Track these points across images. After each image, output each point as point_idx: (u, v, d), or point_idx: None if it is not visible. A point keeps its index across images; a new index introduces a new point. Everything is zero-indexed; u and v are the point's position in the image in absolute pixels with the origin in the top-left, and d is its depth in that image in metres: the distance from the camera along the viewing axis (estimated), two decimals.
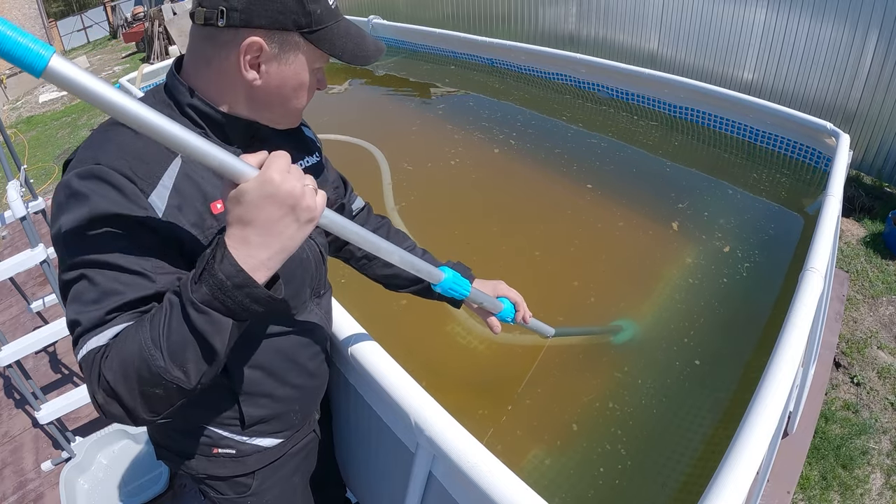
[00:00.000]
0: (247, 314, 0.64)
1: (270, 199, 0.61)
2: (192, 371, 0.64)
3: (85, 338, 0.67)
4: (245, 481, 1.01)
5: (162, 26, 8.67)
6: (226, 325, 0.63)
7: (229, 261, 0.61)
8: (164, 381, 0.63)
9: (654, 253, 2.13)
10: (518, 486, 0.82)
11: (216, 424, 0.92)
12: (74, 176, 0.69)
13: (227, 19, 0.70)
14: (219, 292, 0.61)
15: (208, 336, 0.63)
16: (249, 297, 0.63)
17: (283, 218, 0.62)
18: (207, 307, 0.62)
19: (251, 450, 0.97)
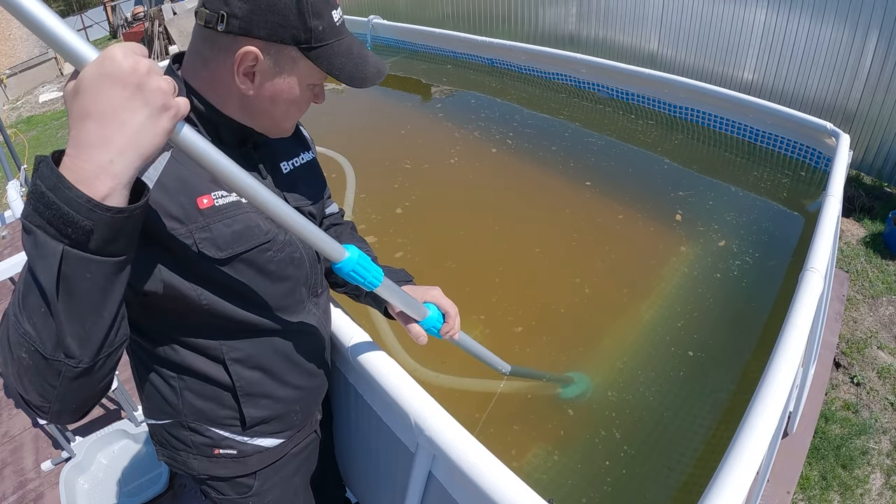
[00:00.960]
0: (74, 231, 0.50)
1: (110, 79, 0.50)
2: (41, 327, 0.52)
3: None
4: (246, 482, 1.01)
5: (162, 26, 8.67)
6: (51, 250, 0.50)
7: (46, 163, 0.50)
8: (21, 338, 0.52)
9: (654, 252, 2.13)
10: (518, 486, 0.82)
11: (217, 425, 0.92)
12: None
13: (227, 25, 0.69)
14: (36, 202, 0.49)
15: (34, 265, 0.50)
16: (66, 203, 0.49)
17: (129, 102, 0.50)
18: (31, 223, 0.50)
19: (252, 450, 0.97)
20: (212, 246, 0.75)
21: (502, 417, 1.60)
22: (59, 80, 9.42)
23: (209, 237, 0.75)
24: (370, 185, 2.72)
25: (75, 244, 0.50)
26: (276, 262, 0.85)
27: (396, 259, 2.17)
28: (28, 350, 0.52)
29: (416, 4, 6.47)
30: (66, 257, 0.50)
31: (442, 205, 2.58)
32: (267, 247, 0.82)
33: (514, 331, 1.87)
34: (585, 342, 1.82)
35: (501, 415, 1.61)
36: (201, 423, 0.92)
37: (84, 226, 0.50)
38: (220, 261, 0.77)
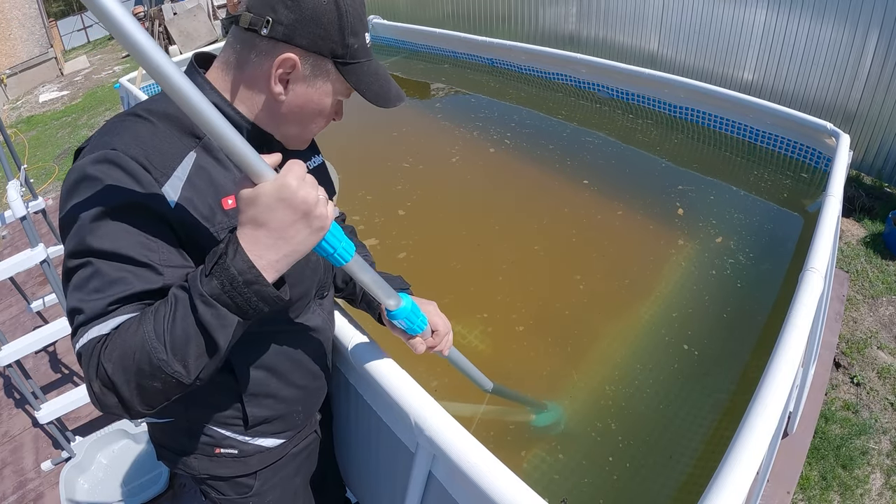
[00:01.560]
0: (253, 312, 0.65)
1: (285, 204, 0.62)
2: (193, 366, 0.64)
3: (85, 327, 0.66)
4: (247, 482, 1.01)
5: (162, 26, 8.67)
6: (231, 322, 0.64)
7: (242, 257, 0.62)
8: (163, 375, 0.63)
9: (653, 253, 2.13)
10: (518, 486, 0.82)
11: (219, 424, 0.92)
12: (89, 160, 0.69)
13: (271, 30, 0.72)
14: (229, 287, 0.62)
15: (213, 331, 0.63)
16: (258, 296, 0.63)
17: (296, 223, 0.63)
18: (216, 301, 0.62)
19: (253, 450, 0.97)
20: None
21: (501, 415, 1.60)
22: (59, 79, 9.42)
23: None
24: (371, 187, 2.72)
25: (247, 318, 0.66)
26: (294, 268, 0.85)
27: (400, 259, 2.17)
28: (165, 382, 0.64)
29: (416, 4, 6.47)
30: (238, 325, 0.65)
31: (443, 205, 2.58)
32: None
33: (516, 329, 1.88)
34: (586, 340, 1.82)
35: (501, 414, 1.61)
36: (203, 422, 0.92)
37: (263, 310, 0.65)
38: None
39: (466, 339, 1.85)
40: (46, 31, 9.67)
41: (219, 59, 0.80)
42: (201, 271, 0.64)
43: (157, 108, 0.75)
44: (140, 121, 0.73)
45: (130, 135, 0.71)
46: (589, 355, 1.77)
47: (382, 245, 2.26)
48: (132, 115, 0.74)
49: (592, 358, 1.76)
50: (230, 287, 0.62)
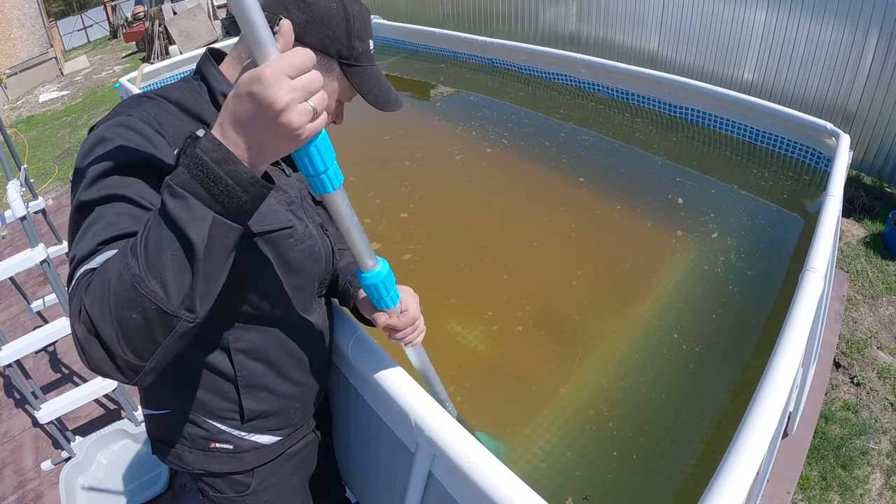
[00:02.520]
0: (230, 201, 0.56)
1: (252, 99, 0.53)
2: (171, 283, 0.55)
3: (76, 271, 0.62)
4: (244, 479, 1.01)
5: (162, 26, 8.67)
6: (205, 215, 0.55)
7: (207, 136, 0.55)
8: (140, 298, 0.55)
9: (653, 252, 2.13)
10: (518, 486, 0.82)
11: (215, 417, 0.93)
12: (105, 125, 0.71)
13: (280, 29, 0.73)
14: (195, 169, 0.54)
15: (184, 226, 0.54)
16: (231, 176, 0.55)
17: (262, 124, 0.55)
18: (184, 190, 0.54)
19: (249, 446, 0.97)
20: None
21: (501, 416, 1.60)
22: (59, 79, 9.42)
23: None
24: (373, 188, 2.72)
25: (225, 212, 0.56)
26: (297, 251, 0.87)
27: (405, 261, 2.17)
28: (144, 308, 0.55)
29: (416, 4, 6.47)
30: (215, 222, 0.56)
31: (446, 206, 2.57)
32: (289, 233, 0.85)
33: (520, 326, 1.88)
34: (586, 340, 1.82)
35: (501, 414, 1.61)
36: (200, 414, 0.92)
37: (241, 198, 0.56)
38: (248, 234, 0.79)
39: (466, 339, 1.85)
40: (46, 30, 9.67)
41: (231, 54, 0.83)
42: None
43: (169, 95, 0.78)
44: (151, 101, 0.76)
45: (144, 108, 0.74)
46: (588, 356, 1.77)
47: (387, 249, 2.26)
48: (144, 97, 0.77)
49: (592, 358, 1.76)
50: (196, 169, 0.54)
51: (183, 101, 0.77)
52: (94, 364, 0.58)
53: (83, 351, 0.58)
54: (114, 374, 0.59)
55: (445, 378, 1.73)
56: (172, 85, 0.82)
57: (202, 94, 0.80)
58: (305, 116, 0.55)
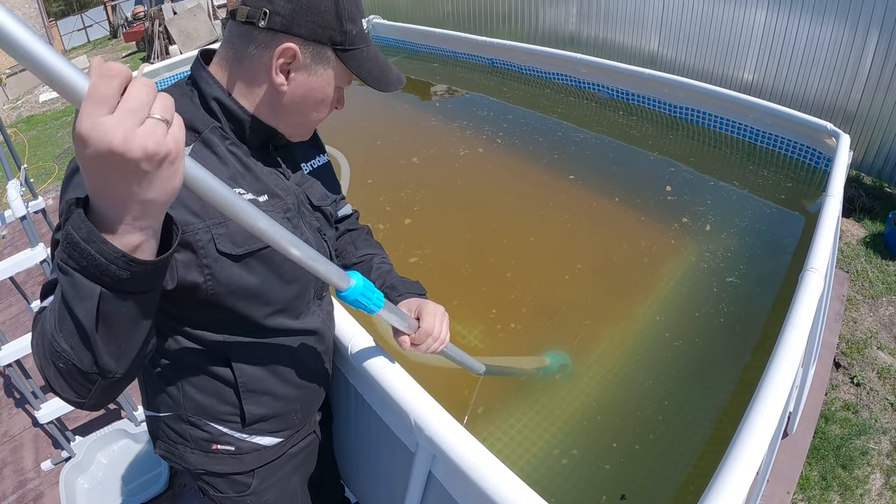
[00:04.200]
0: (109, 279, 0.50)
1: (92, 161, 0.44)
2: (77, 348, 0.54)
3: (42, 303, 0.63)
4: (244, 480, 1.01)
5: (162, 26, 8.67)
6: (91, 292, 0.50)
7: (76, 213, 0.49)
8: (56, 353, 0.54)
9: (654, 252, 2.13)
10: (518, 486, 0.82)
11: (216, 420, 0.93)
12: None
13: (269, 22, 0.72)
14: (70, 248, 0.49)
15: (72, 303, 0.51)
16: (101, 255, 0.49)
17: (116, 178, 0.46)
18: (66, 265, 0.50)
19: (250, 448, 0.97)
20: (228, 241, 0.76)
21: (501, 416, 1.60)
22: None
23: (226, 232, 0.76)
24: (375, 189, 2.72)
25: (112, 288, 0.51)
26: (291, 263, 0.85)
27: (411, 264, 2.17)
28: (65, 363, 0.55)
29: (416, 4, 6.47)
30: (103, 298, 0.51)
31: (449, 206, 2.57)
32: None
33: (520, 325, 1.88)
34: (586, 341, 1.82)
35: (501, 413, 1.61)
36: (201, 417, 0.92)
37: (120, 276, 0.50)
38: (235, 257, 0.78)
39: (466, 339, 1.85)
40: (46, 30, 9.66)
41: (217, 55, 0.81)
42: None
43: None
44: None
45: None
46: (588, 356, 1.77)
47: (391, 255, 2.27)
48: None
49: (591, 358, 1.76)
50: (70, 247, 0.49)
51: None
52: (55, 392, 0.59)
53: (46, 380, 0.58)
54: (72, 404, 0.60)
55: (447, 379, 1.73)
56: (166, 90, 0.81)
57: (193, 99, 0.79)
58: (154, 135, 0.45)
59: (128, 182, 0.46)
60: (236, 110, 0.79)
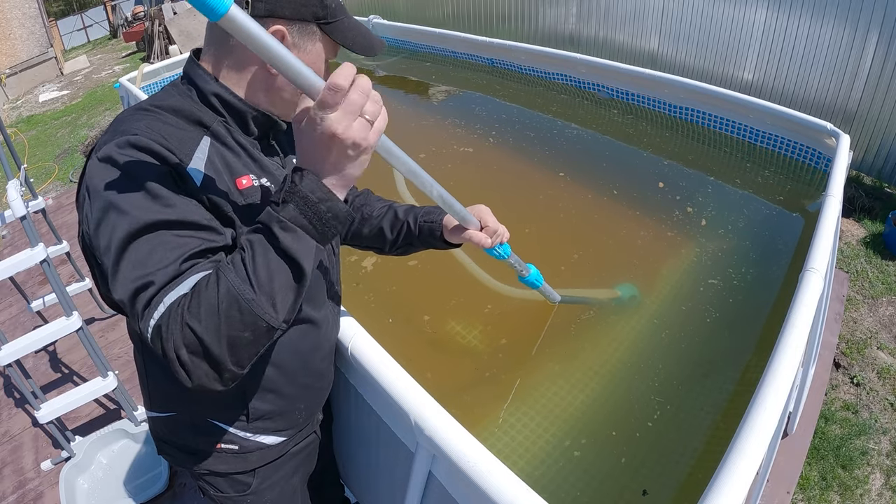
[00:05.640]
0: (330, 233, 0.66)
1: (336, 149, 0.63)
2: (280, 303, 0.63)
3: (160, 296, 0.63)
4: (245, 479, 1.01)
5: (162, 26, 8.67)
6: (311, 247, 0.64)
7: (310, 178, 0.64)
8: (253, 319, 0.61)
9: (654, 252, 2.13)
10: (518, 485, 0.82)
11: (221, 419, 0.93)
12: (113, 147, 0.69)
13: (253, 9, 0.73)
14: (304, 207, 0.63)
15: (298, 256, 0.63)
16: (332, 213, 0.65)
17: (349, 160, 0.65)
18: (294, 224, 0.63)
19: (254, 446, 0.97)
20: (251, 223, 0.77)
21: (502, 416, 1.60)
22: (59, 79, 9.42)
23: (249, 214, 0.77)
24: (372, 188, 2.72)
25: (321, 241, 0.66)
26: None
27: (411, 266, 2.17)
28: (256, 327, 0.62)
29: (416, 4, 6.47)
30: (317, 251, 0.66)
31: None
32: None
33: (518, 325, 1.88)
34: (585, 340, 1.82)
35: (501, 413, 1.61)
36: (206, 416, 0.92)
37: (338, 229, 0.67)
38: None
39: (466, 339, 1.85)
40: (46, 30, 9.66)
41: (205, 52, 0.81)
42: (271, 206, 0.64)
43: (163, 103, 0.77)
44: (148, 114, 0.75)
45: (145, 124, 0.72)
46: (587, 356, 1.77)
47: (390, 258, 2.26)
48: (140, 110, 0.75)
49: (590, 359, 1.76)
50: (305, 207, 0.63)
51: (178, 107, 0.76)
52: (197, 381, 0.62)
53: (186, 371, 0.61)
54: (215, 385, 0.64)
55: (449, 378, 1.73)
56: (164, 92, 0.81)
57: (192, 96, 0.79)
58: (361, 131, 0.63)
59: (342, 159, 0.64)
60: (236, 103, 0.80)
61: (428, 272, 2.16)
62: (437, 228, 1.16)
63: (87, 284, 2.78)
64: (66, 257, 2.75)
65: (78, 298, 2.74)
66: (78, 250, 3.39)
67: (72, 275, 3.05)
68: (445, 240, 1.16)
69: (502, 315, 1.94)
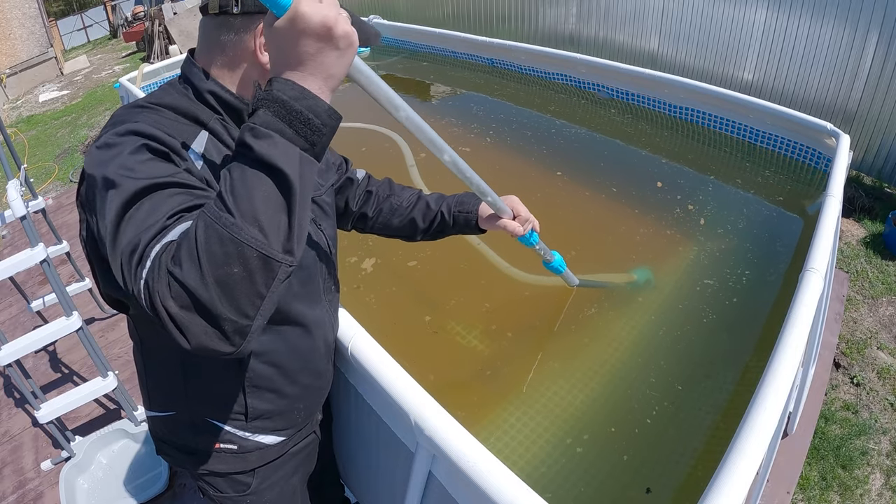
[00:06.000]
0: (313, 134, 0.58)
1: (304, 34, 0.57)
2: (268, 225, 0.55)
3: (147, 250, 0.57)
4: (245, 479, 1.01)
5: (162, 26, 8.66)
6: (294, 153, 0.57)
7: (280, 80, 0.58)
8: (237, 247, 0.53)
9: (654, 252, 2.13)
10: (518, 485, 0.82)
11: (220, 418, 0.93)
12: (112, 134, 0.68)
13: (243, 6, 0.74)
14: (277, 107, 0.56)
15: (277, 162, 0.55)
16: (311, 111, 0.58)
17: (322, 50, 0.58)
18: (267, 129, 0.56)
19: (253, 446, 0.97)
20: None
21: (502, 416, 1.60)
22: (59, 79, 9.42)
23: None
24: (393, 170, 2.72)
25: (306, 148, 0.58)
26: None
27: (411, 267, 2.17)
28: (244, 258, 0.53)
29: (416, 4, 6.47)
30: (302, 158, 0.58)
31: None
32: None
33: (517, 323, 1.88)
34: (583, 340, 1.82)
35: (501, 413, 1.61)
36: (205, 415, 0.92)
37: (321, 130, 0.59)
38: None
39: (466, 339, 1.85)
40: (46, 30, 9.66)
41: (198, 52, 0.82)
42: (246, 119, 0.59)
43: (161, 101, 0.78)
44: (146, 109, 0.75)
45: (145, 116, 0.73)
46: (585, 355, 1.77)
47: (389, 261, 2.26)
48: (137, 107, 0.76)
49: (590, 360, 1.76)
50: (278, 107, 0.56)
51: (176, 105, 0.77)
52: (196, 340, 0.55)
53: (181, 329, 0.54)
54: (220, 345, 0.56)
55: (447, 379, 1.73)
56: (162, 90, 0.81)
57: (188, 94, 0.80)
58: (347, 21, 0.59)
59: (326, 54, 0.59)
60: (232, 100, 0.80)
61: (428, 272, 2.16)
62: (472, 218, 1.22)
63: (87, 284, 2.78)
64: (66, 257, 2.75)
65: (78, 298, 2.74)
66: (78, 250, 3.39)
67: (72, 275, 3.05)
68: (480, 227, 1.23)
69: (502, 315, 1.94)
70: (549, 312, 1.94)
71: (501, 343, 1.83)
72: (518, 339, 1.85)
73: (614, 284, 1.95)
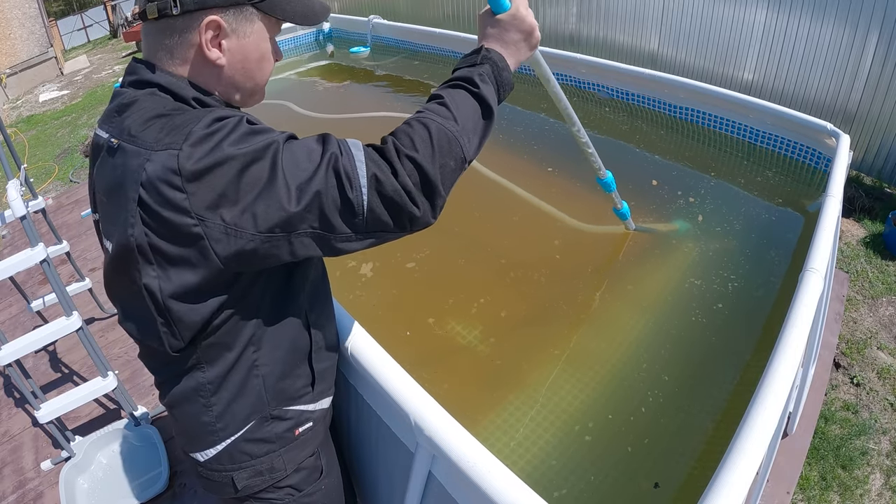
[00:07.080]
0: (503, 93, 0.86)
1: (516, 29, 0.88)
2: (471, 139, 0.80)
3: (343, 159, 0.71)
4: (315, 463, 0.99)
5: None
6: (495, 99, 0.84)
7: (496, 52, 0.87)
8: (458, 148, 0.76)
9: (654, 252, 2.13)
10: (518, 485, 0.82)
11: (294, 401, 0.92)
12: (201, 135, 0.68)
13: (182, 6, 0.72)
14: (495, 68, 0.85)
15: (490, 100, 0.82)
16: (507, 81, 0.87)
17: (521, 41, 0.90)
18: (489, 79, 0.84)
19: (320, 414, 0.98)
20: None
21: (502, 416, 1.60)
22: (59, 79, 9.42)
23: None
24: None
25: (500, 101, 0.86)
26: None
27: (409, 269, 2.17)
28: (455, 156, 0.77)
29: (416, 4, 6.47)
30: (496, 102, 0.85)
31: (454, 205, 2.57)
32: None
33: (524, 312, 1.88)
34: (583, 339, 1.82)
35: (502, 413, 1.61)
36: (281, 405, 0.91)
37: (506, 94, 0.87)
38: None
39: (466, 339, 1.85)
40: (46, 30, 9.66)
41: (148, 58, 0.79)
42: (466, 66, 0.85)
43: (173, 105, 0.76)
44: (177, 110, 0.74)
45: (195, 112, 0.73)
46: (586, 358, 1.77)
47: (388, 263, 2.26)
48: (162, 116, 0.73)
49: (590, 361, 1.76)
50: (496, 69, 0.85)
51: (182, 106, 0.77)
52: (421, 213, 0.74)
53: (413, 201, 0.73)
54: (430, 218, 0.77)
55: (447, 379, 1.73)
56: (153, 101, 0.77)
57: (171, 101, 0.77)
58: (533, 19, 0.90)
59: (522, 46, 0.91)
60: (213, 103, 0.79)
61: (428, 273, 2.16)
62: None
63: (87, 284, 2.78)
64: (66, 257, 2.75)
65: (78, 298, 2.74)
66: (78, 250, 3.40)
67: (72, 275, 3.04)
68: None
69: (502, 314, 1.94)
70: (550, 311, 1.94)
71: (502, 343, 1.84)
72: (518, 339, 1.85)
73: (661, 232, 2.21)
